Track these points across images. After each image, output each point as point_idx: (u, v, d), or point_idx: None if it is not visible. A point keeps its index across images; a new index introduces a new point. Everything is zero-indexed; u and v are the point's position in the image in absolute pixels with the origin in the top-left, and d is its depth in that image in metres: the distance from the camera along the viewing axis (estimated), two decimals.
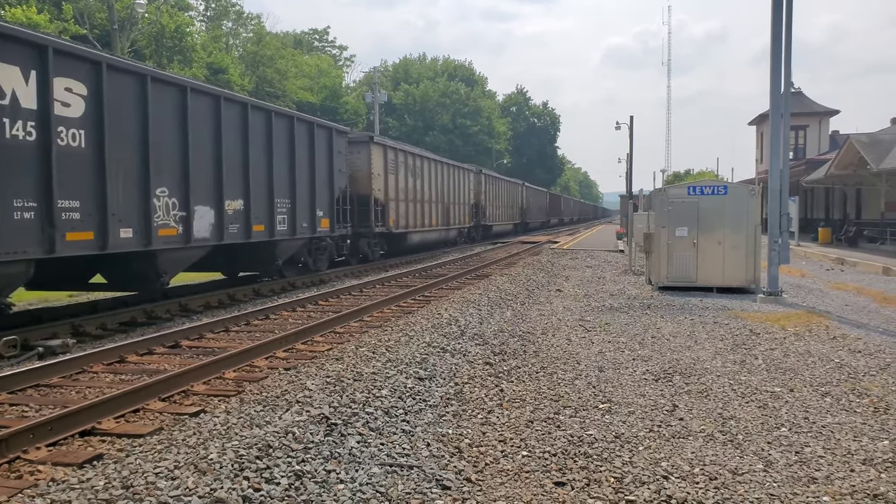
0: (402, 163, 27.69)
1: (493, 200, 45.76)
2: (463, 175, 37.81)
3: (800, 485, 5.12)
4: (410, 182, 28.72)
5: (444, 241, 35.12)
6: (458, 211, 36.54)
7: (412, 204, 28.89)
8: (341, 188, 21.27)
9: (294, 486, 4.84)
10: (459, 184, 36.69)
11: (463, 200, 37.52)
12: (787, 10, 14.64)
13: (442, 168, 33.46)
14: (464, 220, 37.91)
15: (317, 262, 20.58)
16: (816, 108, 49.04)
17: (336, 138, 20.91)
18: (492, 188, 45.17)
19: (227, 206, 15.10)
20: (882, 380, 8.10)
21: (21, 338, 10.05)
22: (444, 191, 33.48)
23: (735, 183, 19.20)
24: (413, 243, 29.78)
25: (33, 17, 29.74)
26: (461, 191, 37.11)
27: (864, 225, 33.74)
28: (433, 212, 31.58)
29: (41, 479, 5.17)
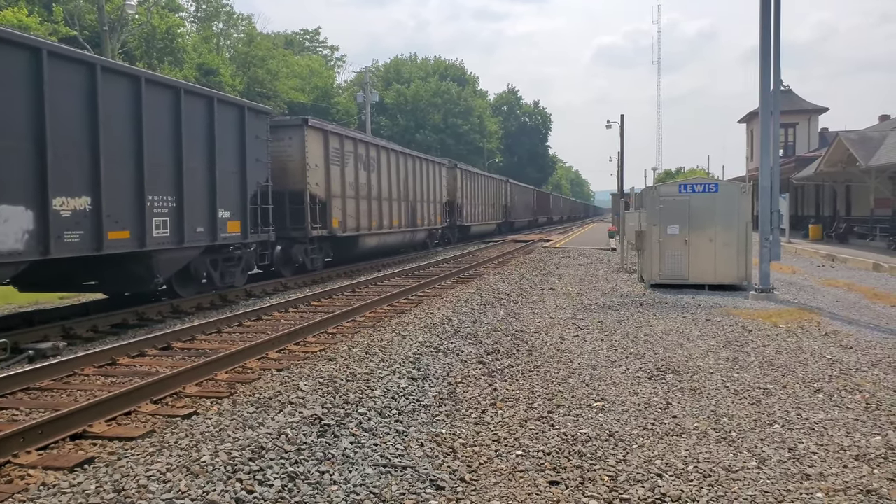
0: (352, 152, 23.20)
1: (471, 198, 41.65)
2: (433, 169, 33.33)
3: (793, 481, 5.12)
4: (363, 176, 24.16)
5: (409, 244, 31.08)
6: (429, 210, 32.11)
7: (366, 202, 24.31)
8: (260, 182, 17.10)
9: (287, 487, 4.82)
10: (429, 179, 32.34)
11: (434, 198, 33.01)
12: (775, 8, 14.68)
13: (406, 160, 29.10)
14: (435, 221, 33.25)
15: (225, 277, 16.30)
16: (806, 106, 49.19)
17: (251, 119, 16.61)
18: (469, 184, 41.16)
19: (58, 205, 10.95)
20: (874, 376, 8.12)
21: (11, 340, 9.98)
22: (410, 187, 29.47)
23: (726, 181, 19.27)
24: (367, 248, 25.40)
25: (24, 19, 29.61)
26: (432, 187, 32.63)
27: (854, 221, 33.86)
28: (395, 211, 27.41)
29: (32, 484, 5.14)
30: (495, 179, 51.05)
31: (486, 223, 47.13)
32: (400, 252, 30.05)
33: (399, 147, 30.07)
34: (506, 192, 54.01)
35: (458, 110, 78.92)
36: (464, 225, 40.00)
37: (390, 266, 25.46)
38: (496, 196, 50.16)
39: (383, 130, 69.82)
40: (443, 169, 35.42)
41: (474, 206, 42.75)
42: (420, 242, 32.52)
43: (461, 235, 40.81)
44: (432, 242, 34.35)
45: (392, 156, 27.51)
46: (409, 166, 29.51)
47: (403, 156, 29.05)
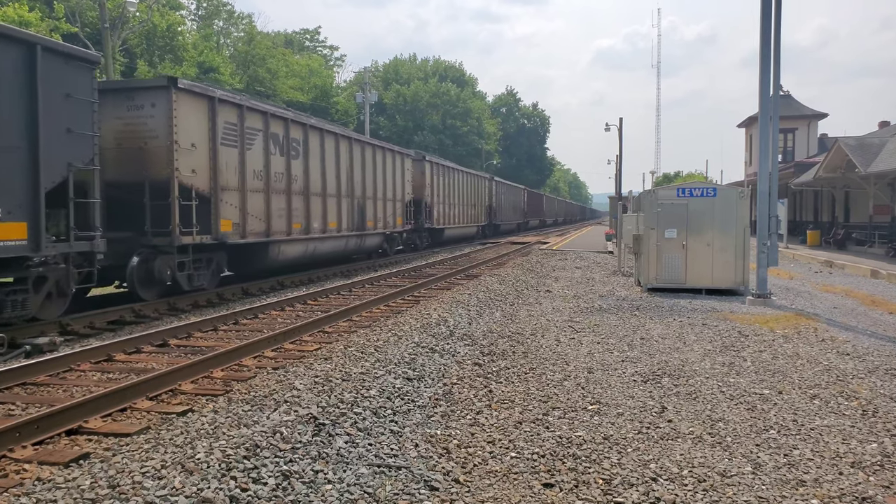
0: (260, 131, 17.39)
1: (444, 197, 35.90)
2: (394, 161, 27.83)
3: (788, 487, 5.12)
4: (279, 163, 18.19)
5: (356, 251, 24.94)
6: (385, 209, 26.61)
7: (283, 197, 18.40)
8: (75, 165, 11.59)
9: (281, 486, 4.82)
10: (387, 172, 26.93)
11: (394, 195, 27.75)
12: (775, 13, 14.69)
13: (352, 147, 22.98)
14: (393, 223, 27.89)
15: None
16: (805, 111, 49.28)
17: (52, 66, 11.10)
18: (442, 181, 35.54)
19: None
20: (870, 382, 8.13)
21: (8, 336, 9.98)
22: (358, 180, 23.60)
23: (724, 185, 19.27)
24: (287, 258, 19.15)
25: (25, 16, 29.58)
26: (391, 182, 27.36)
27: (852, 228, 33.90)
28: (332, 210, 21.46)
29: (27, 478, 5.13)
30: (476, 176, 45.51)
31: (464, 226, 41.48)
32: (344, 261, 24.73)
33: (341, 129, 23.98)
34: (490, 190, 49.26)
35: (456, 112, 78.98)
36: (434, 228, 34.41)
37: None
38: (477, 195, 45.04)
39: (382, 131, 69.86)
40: (406, 161, 29.85)
41: (449, 206, 37.08)
42: (372, 249, 26.59)
43: (433, 240, 35.56)
44: (392, 248, 29.02)
45: (329, 139, 21.27)
46: (356, 154, 23.33)
47: (348, 140, 22.78)
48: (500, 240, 45.99)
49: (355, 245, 24.29)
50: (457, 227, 39.22)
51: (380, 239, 26.78)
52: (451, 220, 37.73)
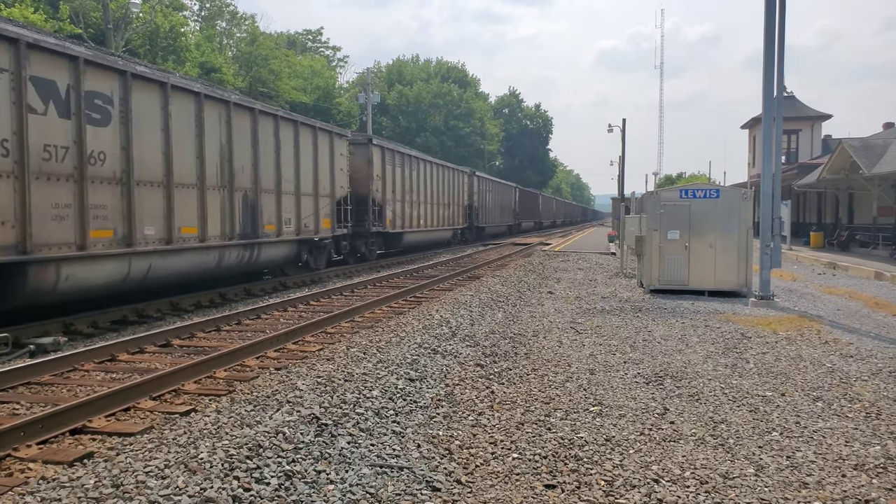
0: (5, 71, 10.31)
1: (405, 194, 29.07)
2: (315, 140, 20.19)
3: (791, 490, 5.13)
4: (58, 130, 11.10)
5: (245, 266, 17.22)
6: (303, 208, 19.42)
7: (69, 185, 11.27)
8: None
9: (284, 486, 4.83)
10: (306, 157, 19.68)
11: (316, 189, 20.28)
12: (779, 14, 14.69)
13: (230, 117, 15.88)
14: (317, 226, 20.35)
15: None
16: (809, 113, 49.21)
17: None
18: (399, 173, 28.32)
19: None
20: (874, 385, 8.12)
21: (12, 335, 10.00)
22: (247, 167, 16.66)
23: (727, 186, 19.27)
24: (77, 287, 11.81)
25: (29, 17, 29.62)
26: (313, 171, 20.12)
27: (855, 229, 33.87)
28: (191, 207, 14.58)
29: (31, 477, 5.14)
30: (451, 170, 38.10)
31: (433, 229, 33.87)
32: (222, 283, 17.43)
33: (210, 88, 16.79)
34: (470, 188, 42.28)
35: (459, 112, 79.00)
36: (389, 232, 27.25)
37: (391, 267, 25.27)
38: (454, 193, 38.03)
39: (385, 131, 69.89)
40: (340, 143, 22.10)
41: (411, 204, 30.02)
42: (279, 262, 19.42)
43: (389, 247, 28.94)
44: (320, 260, 21.41)
45: (182, 100, 14.44)
46: (239, 127, 16.33)
47: (224, 105, 15.75)
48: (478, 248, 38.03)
49: (240, 259, 16.70)
50: (422, 230, 31.84)
51: (289, 249, 19.13)
52: (413, 223, 30.31)
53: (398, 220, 28.24)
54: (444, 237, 37.10)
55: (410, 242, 30.96)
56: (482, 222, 45.31)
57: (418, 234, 31.67)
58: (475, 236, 44.78)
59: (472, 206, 42.81)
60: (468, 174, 42.28)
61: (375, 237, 26.44)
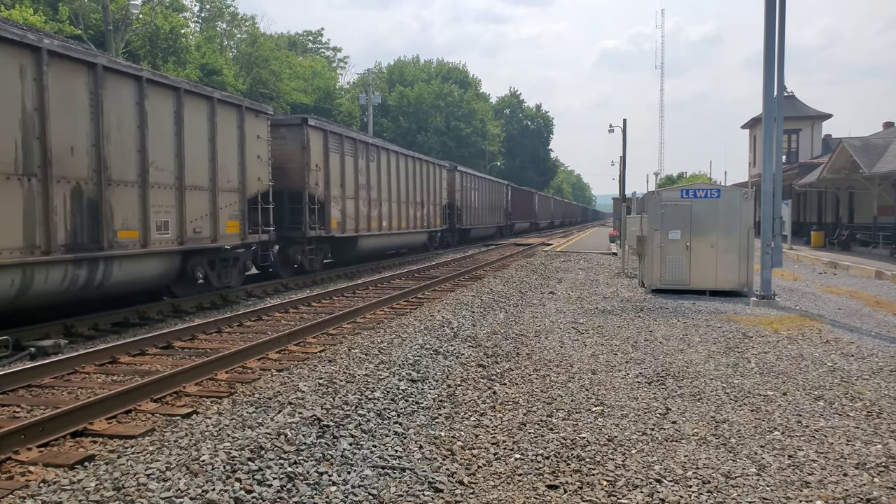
0: None
1: (360, 189, 23.55)
2: (234, 121, 16.12)
3: (793, 489, 5.12)
4: None
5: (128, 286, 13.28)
6: (201, 205, 14.91)
7: None
8: None
9: (286, 487, 4.83)
10: (215, 143, 15.27)
11: (229, 183, 15.89)
12: (780, 13, 14.68)
13: (106, 83, 12.23)
14: (219, 229, 15.40)
15: None
16: (809, 112, 49.19)
17: None
18: (354, 165, 22.98)
19: None
20: (875, 384, 8.11)
21: (13, 338, 10.00)
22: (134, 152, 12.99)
23: (728, 186, 19.29)
24: None
25: (29, 18, 29.66)
26: (228, 161, 15.86)
27: (856, 229, 33.86)
28: (30, 209, 10.78)
29: (32, 480, 5.14)
30: (426, 163, 32.36)
31: (401, 232, 28.44)
32: None
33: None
34: (451, 184, 37.05)
35: (460, 113, 79.01)
36: (338, 237, 22.10)
37: (390, 268, 25.22)
38: (430, 190, 32.51)
39: (386, 132, 69.91)
40: (255, 121, 16.99)
41: (366, 203, 24.22)
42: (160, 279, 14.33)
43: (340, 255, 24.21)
44: (223, 276, 16.18)
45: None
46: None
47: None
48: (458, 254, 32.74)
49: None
50: (385, 234, 26.44)
51: (166, 263, 14.06)
52: (374, 224, 25.03)
53: (350, 222, 22.67)
54: (416, 241, 31.83)
55: (369, 248, 25.42)
56: (466, 223, 40.27)
57: (380, 239, 26.31)
58: (458, 239, 40.13)
59: (454, 206, 37.69)
60: (448, 168, 36.99)
61: (317, 243, 21.05)
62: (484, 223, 45.44)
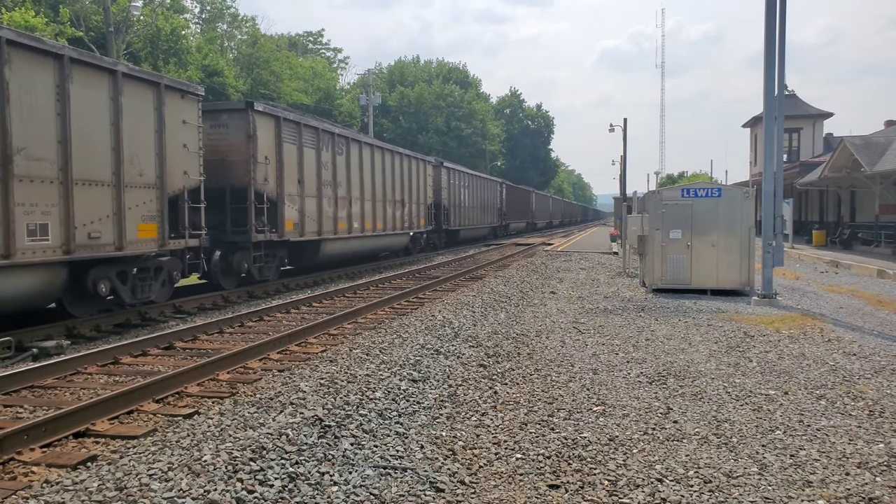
0: None
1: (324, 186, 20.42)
2: (151, 101, 13.50)
3: (795, 488, 5.12)
4: None
5: None
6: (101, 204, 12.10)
7: None
8: None
9: (287, 487, 4.83)
10: (119, 127, 12.45)
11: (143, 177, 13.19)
12: (780, 12, 14.68)
13: None
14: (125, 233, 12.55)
15: None
16: (810, 111, 49.14)
17: None
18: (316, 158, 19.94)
19: None
20: (877, 383, 8.11)
21: (15, 339, 10.01)
22: None
23: (729, 185, 19.28)
24: None
25: (30, 20, 29.66)
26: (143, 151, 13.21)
27: (858, 227, 33.82)
28: None
29: (35, 481, 5.15)
30: (406, 158, 28.78)
31: (376, 234, 25.02)
32: None
33: None
34: (437, 182, 33.74)
35: (460, 113, 79.01)
36: (293, 241, 19.05)
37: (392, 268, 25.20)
38: (414, 188, 29.43)
39: (386, 133, 69.93)
40: (179, 103, 14.30)
41: (331, 201, 20.96)
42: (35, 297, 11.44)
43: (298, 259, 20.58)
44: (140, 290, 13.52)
45: None
46: None
47: None
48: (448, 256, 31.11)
49: None
50: (355, 237, 23.03)
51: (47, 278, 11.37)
52: (342, 226, 21.74)
53: (310, 224, 19.51)
54: (396, 244, 28.55)
55: (336, 254, 22.08)
56: (455, 224, 37.08)
57: (349, 243, 22.82)
58: (445, 241, 36.78)
59: (441, 205, 34.39)
60: (433, 164, 33.60)
61: (269, 248, 18.09)
62: (475, 223, 42.53)
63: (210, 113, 16.25)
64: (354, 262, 24.83)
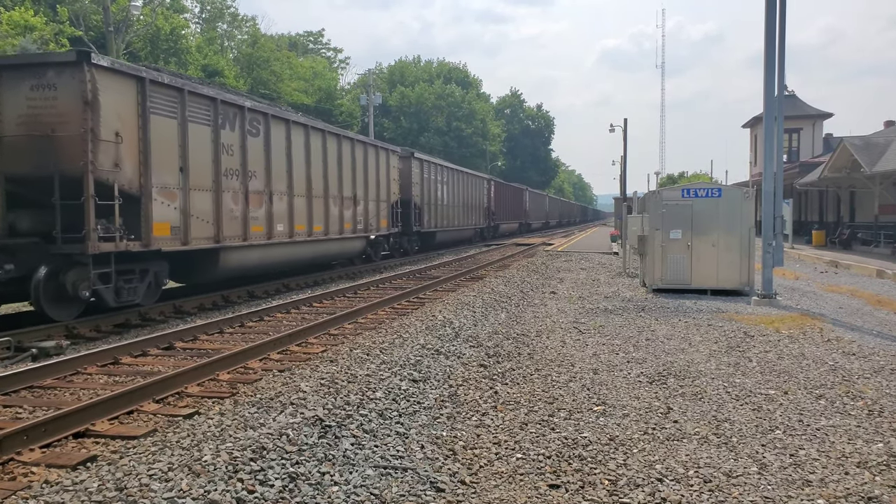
0: None
1: (230, 178, 15.57)
2: None
3: (794, 487, 5.12)
4: None
5: None
6: None
7: None
8: None
9: (288, 488, 4.83)
10: None
11: None
12: (780, 12, 14.68)
13: None
14: None
15: None
16: (810, 111, 49.14)
17: None
18: (216, 140, 15.02)
19: None
20: (876, 382, 8.11)
21: (15, 339, 10.01)
22: None
23: (729, 185, 19.30)
24: None
25: (29, 20, 29.66)
26: None
27: (857, 227, 33.82)
28: None
29: (35, 481, 5.15)
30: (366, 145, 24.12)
31: (320, 240, 20.30)
32: None
33: None
34: (407, 177, 29.10)
35: (461, 113, 79.09)
36: (182, 251, 14.13)
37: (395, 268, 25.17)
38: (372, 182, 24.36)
39: (387, 133, 69.95)
40: None
41: (247, 199, 16.30)
42: None
43: (202, 278, 16.17)
44: None
45: None
46: None
47: None
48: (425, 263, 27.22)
49: None
50: (280, 244, 17.90)
51: None
52: (256, 231, 16.64)
53: (202, 227, 14.55)
54: (346, 251, 23.34)
55: (249, 265, 17.07)
56: (430, 225, 31.96)
57: (270, 251, 17.63)
58: (419, 245, 31.74)
59: (412, 203, 29.55)
60: (400, 155, 28.46)
61: (133, 261, 13.13)
62: (455, 224, 37.03)
63: (29, 68, 11.77)
64: (287, 275, 20.17)
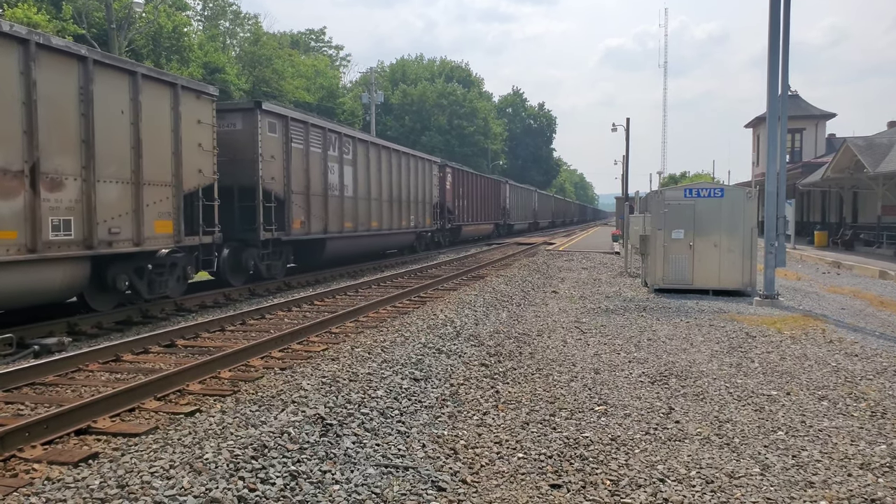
0: None
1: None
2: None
3: (797, 489, 5.11)
4: None
5: None
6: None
7: None
8: None
9: (289, 486, 4.83)
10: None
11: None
12: (784, 12, 14.66)
13: None
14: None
15: None
16: (813, 112, 49.11)
17: None
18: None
19: None
20: (879, 383, 8.10)
21: (17, 336, 10.01)
22: None
23: (731, 186, 19.29)
24: None
25: (33, 17, 29.66)
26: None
27: (860, 228, 33.80)
28: None
29: (36, 478, 5.14)
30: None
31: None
32: None
33: None
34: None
35: (463, 112, 79.06)
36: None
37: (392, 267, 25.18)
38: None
39: (389, 131, 69.96)
40: None
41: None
42: None
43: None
44: None
45: None
46: None
47: None
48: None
49: None
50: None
51: None
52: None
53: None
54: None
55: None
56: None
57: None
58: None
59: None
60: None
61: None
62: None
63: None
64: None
